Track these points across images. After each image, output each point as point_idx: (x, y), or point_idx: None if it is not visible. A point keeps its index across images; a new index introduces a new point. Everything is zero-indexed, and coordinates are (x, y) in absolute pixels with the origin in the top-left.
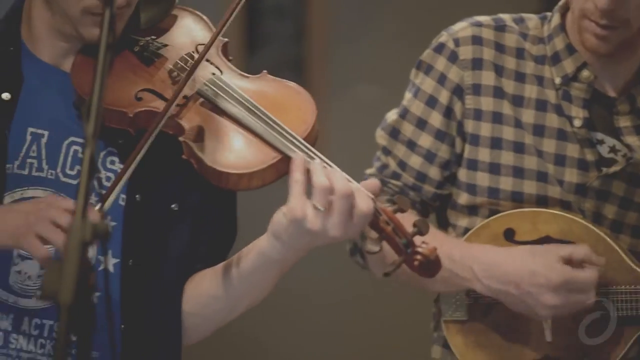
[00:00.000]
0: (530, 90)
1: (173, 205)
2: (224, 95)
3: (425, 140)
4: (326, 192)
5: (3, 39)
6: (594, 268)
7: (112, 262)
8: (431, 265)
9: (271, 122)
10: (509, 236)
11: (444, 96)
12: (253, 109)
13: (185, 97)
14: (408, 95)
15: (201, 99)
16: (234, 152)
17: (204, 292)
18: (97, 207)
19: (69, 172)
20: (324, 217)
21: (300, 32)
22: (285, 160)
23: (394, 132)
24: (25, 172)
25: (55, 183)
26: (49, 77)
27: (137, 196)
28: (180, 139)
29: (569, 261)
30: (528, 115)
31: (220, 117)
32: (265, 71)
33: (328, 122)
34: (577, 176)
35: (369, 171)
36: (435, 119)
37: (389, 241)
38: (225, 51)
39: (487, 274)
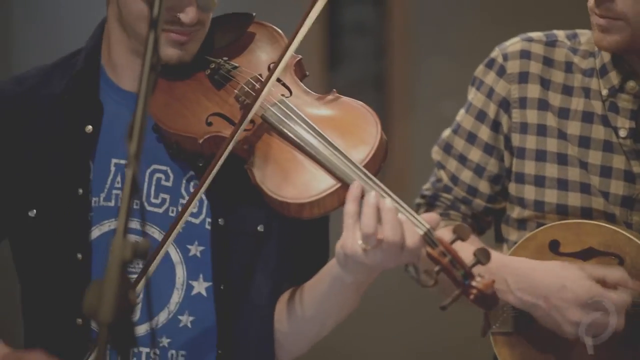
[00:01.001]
0: (577, 103)
1: (259, 227)
2: (287, 122)
3: (475, 155)
4: (372, 235)
5: (84, 70)
6: (627, 292)
7: (204, 286)
8: (488, 299)
9: (332, 149)
10: (554, 248)
11: (492, 110)
12: (315, 135)
13: (252, 122)
14: (461, 111)
15: (265, 124)
16: (294, 180)
17: (294, 313)
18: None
19: (153, 200)
20: (374, 253)
21: (382, 49)
22: (346, 188)
23: (447, 147)
24: (112, 203)
25: (141, 213)
26: (128, 104)
27: (219, 220)
28: (245, 166)
29: (602, 282)
30: (574, 127)
31: (283, 142)
32: (334, 90)
33: (410, 139)
34: (623, 188)
35: (425, 186)
36: (484, 133)
37: (446, 273)
38: (298, 68)
39: (519, 286)
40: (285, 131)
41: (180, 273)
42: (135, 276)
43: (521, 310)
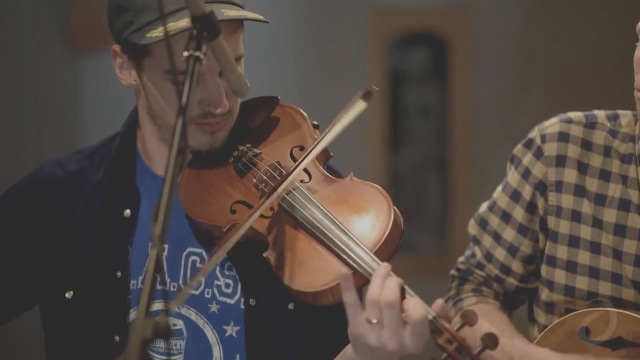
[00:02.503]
0: (614, 190)
1: (290, 306)
2: (301, 209)
3: (509, 234)
4: (374, 305)
5: (120, 156)
6: None
7: None
8: None
9: (344, 236)
10: (584, 334)
11: (527, 191)
12: (329, 222)
13: (271, 208)
14: (499, 188)
15: (283, 211)
16: (308, 268)
17: None
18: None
19: (190, 282)
20: (378, 331)
21: (444, 131)
22: (359, 275)
23: (483, 223)
24: None
25: (164, 292)
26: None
27: (250, 300)
28: (264, 255)
29: None
30: (610, 215)
31: (297, 229)
32: (352, 173)
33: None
34: None
35: (460, 259)
36: (519, 214)
37: (452, 358)
38: (322, 154)
39: None
40: (300, 218)
41: (217, 353)
42: (157, 356)
43: None
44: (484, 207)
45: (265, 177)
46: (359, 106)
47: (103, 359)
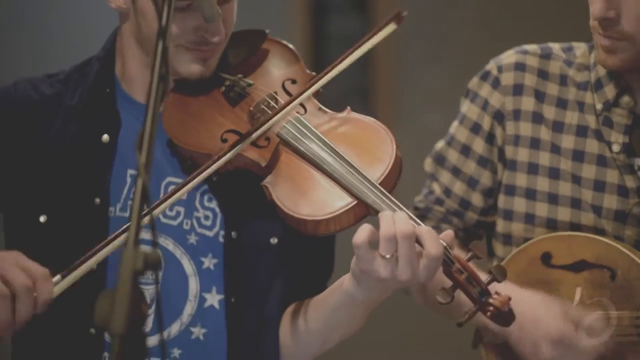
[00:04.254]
0: (571, 117)
1: (272, 240)
2: (303, 139)
3: (469, 167)
4: (391, 240)
5: (99, 81)
6: (603, 342)
7: (217, 298)
8: (504, 315)
9: (348, 167)
10: (546, 260)
11: (486, 122)
12: (331, 152)
13: (267, 138)
14: (455, 123)
15: (281, 141)
16: (310, 197)
17: (299, 326)
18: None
19: (168, 213)
20: (392, 264)
21: (367, 60)
22: (362, 205)
23: (440, 159)
24: (127, 214)
25: (157, 225)
26: (143, 116)
27: (232, 233)
28: (262, 184)
29: (578, 324)
30: (568, 141)
31: (299, 160)
32: (348, 107)
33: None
34: (616, 203)
35: (417, 198)
36: (479, 146)
37: (463, 290)
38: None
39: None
40: (301, 148)
41: (194, 285)
42: (147, 287)
43: None
44: (440, 143)
45: (263, 106)
46: (390, 28)
47: (81, 287)
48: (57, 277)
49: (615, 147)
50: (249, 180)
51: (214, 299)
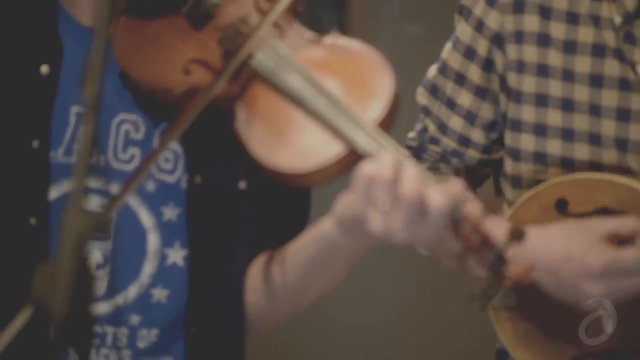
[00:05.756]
0: (585, 34)
1: (240, 185)
2: (281, 72)
3: (465, 99)
4: (390, 189)
5: (36, 1)
6: None
7: (180, 254)
8: (524, 287)
9: (338, 105)
10: (562, 208)
11: (482, 46)
12: (317, 88)
13: (239, 70)
14: (448, 46)
15: (256, 74)
16: (292, 143)
17: (269, 280)
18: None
19: (121, 156)
20: (388, 218)
21: None
22: (354, 154)
23: (434, 90)
24: (72, 159)
25: (107, 170)
26: (90, 43)
27: (197, 178)
28: (233, 126)
29: (614, 238)
30: (582, 64)
31: (277, 97)
32: (336, 30)
33: None
34: None
35: (410, 135)
36: (474, 73)
37: (473, 256)
38: (292, 6)
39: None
40: (280, 83)
41: (154, 240)
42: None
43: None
44: (433, 70)
45: (234, 30)
46: None
47: (15, 245)
48: None
49: None
50: (216, 117)
51: (177, 255)
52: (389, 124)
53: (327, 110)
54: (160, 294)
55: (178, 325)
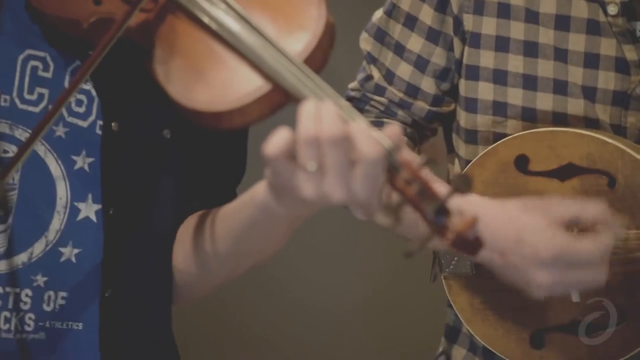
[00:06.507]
0: None
1: (164, 132)
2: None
3: (416, 43)
4: (312, 145)
5: None
6: (606, 234)
7: (93, 209)
8: (469, 242)
9: (260, 37)
10: (522, 165)
11: None
12: (237, 17)
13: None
14: None
15: (171, 3)
16: (209, 79)
17: (200, 247)
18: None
19: (27, 96)
20: (318, 180)
21: None
22: (278, 91)
23: (380, 34)
24: None
25: (11, 112)
26: None
27: (113, 124)
28: (145, 61)
29: (574, 224)
30: (547, 4)
31: (194, 29)
32: None
33: None
34: (615, 81)
35: (351, 85)
36: (427, 15)
37: (413, 207)
38: None
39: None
40: (197, 12)
41: (63, 192)
42: None
43: None
44: (378, 13)
45: None
46: None
47: None
48: None
49: (612, 8)
50: (134, 56)
51: (89, 209)
52: (319, 57)
53: (250, 42)
54: (69, 252)
55: (90, 288)
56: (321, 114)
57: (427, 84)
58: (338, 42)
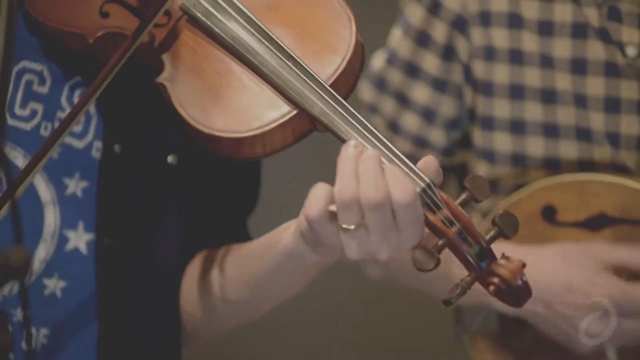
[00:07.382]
0: (562, 12)
1: (169, 158)
2: (217, 15)
3: (421, 93)
4: (353, 207)
5: None
6: None
7: (84, 238)
8: (514, 290)
9: (285, 58)
10: (550, 216)
11: (439, 31)
12: (260, 36)
13: (167, 13)
14: (397, 32)
15: (187, 18)
16: (228, 103)
17: (213, 292)
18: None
19: (19, 112)
20: (361, 238)
21: None
22: (304, 117)
23: (380, 84)
24: None
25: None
26: None
27: (115, 146)
28: (157, 80)
29: (620, 269)
30: (562, 48)
31: (212, 46)
32: None
33: None
34: (639, 125)
35: None
36: (431, 64)
37: (452, 250)
38: None
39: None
40: (215, 29)
41: (51, 218)
42: None
43: None
44: (378, 60)
45: None
46: None
47: None
48: None
49: (631, 51)
50: (142, 75)
51: (79, 239)
52: (348, 81)
53: (274, 63)
54: (54, 285)
55: (78, 326)
56: (360, 169)
57: (437, 135)
58: None
